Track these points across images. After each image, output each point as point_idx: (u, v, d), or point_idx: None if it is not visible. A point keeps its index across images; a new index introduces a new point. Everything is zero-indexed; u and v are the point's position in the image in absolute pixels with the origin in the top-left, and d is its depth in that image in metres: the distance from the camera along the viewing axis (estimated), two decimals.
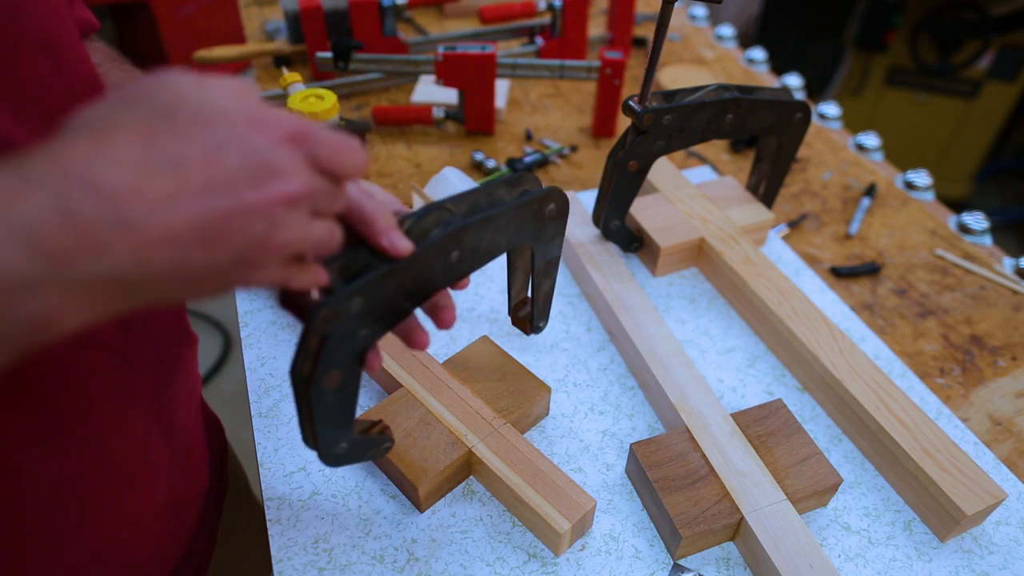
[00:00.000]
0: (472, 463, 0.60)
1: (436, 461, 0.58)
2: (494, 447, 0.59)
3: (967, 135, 2.45)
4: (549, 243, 0.57)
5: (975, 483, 0.58)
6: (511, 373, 0.65)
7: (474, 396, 0.63)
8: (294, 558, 0.55)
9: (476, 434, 0.60)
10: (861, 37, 2.37)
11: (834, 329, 0.70)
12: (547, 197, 0.52)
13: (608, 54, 1.00)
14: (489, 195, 0.49)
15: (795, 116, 0.78)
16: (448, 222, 0.46)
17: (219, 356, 1.92)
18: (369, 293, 0.42)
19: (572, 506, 0.55)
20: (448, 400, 0.62)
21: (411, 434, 0.59)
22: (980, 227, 0.92)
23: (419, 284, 0.46)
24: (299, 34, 1.18)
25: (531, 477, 0.57)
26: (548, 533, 0.55)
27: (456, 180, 0.86)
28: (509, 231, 0.51)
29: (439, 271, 0.47)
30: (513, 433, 0.60)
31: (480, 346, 0.68)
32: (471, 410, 0.62)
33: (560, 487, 0.56)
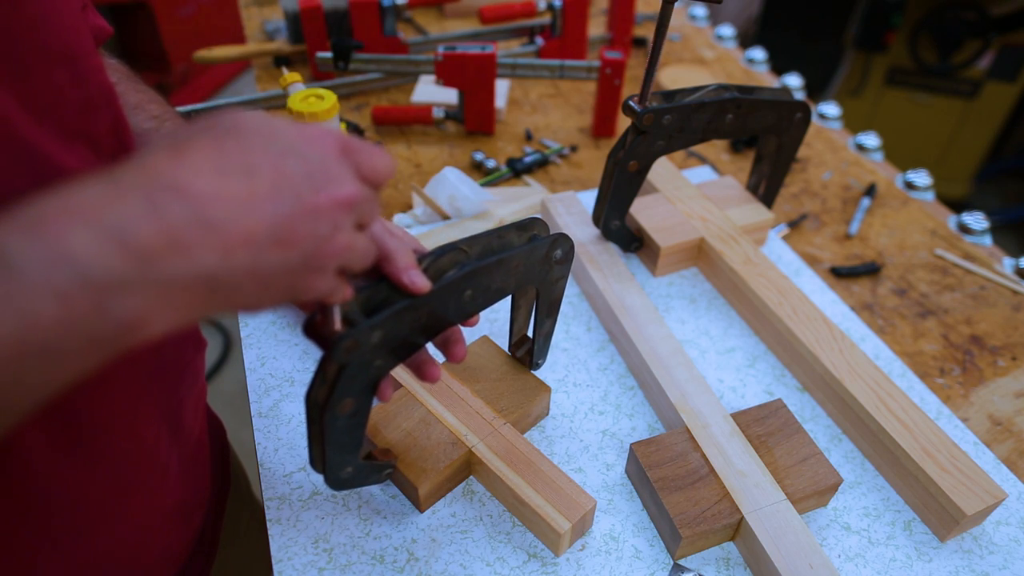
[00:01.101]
0: (472, 463, 0.60)
1: (436, 461, 0.58)
2: (494, 447, 0.59)
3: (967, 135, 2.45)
4: (554, 285, 0.60)
5: (975, 483, 0.58)
6: (511, 373, 0.65)
7: (474, 396, 0.63)
8: (294, 558, 0.55)
9: (476, 434, 0.60)
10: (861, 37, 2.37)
11: (834, 329, 0.70)
12: (555, 243, 0.56)
13: (608, 54, 1.00)
14: (500, 238, 0.53)
15: (795, 116, 0.78)
16: (463, 263, 0.50)
17: (219, 356, 1.93)
18: (388, 326, 0.45)
19: (572, 506, 0.55)
20: (448, 400, 0.62)
21: (411, 434, 0.59)
22: (980, 227, 0.92)
23: (433, 320, 0.49)
24: (299, 34, 1.18)
25: (531, 477, 0.57)
26: (548, 533, 0.55)
27: (456, 180, 0.86)
28: (518, 273, 0.54)
29: (452, 308, 0.50)
30: (513, 433, 0.60)
31: (480, 346, 0.68)
32: (471, 410, 0.62)
33: (560, 487, 0.56)
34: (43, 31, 0.33)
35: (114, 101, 0.40)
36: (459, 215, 0.88)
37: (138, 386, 0.45)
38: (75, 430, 0.41)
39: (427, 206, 0.87)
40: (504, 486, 0.57)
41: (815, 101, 1.20)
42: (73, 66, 0.36)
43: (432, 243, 0.85)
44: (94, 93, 0.38)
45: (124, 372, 0.43)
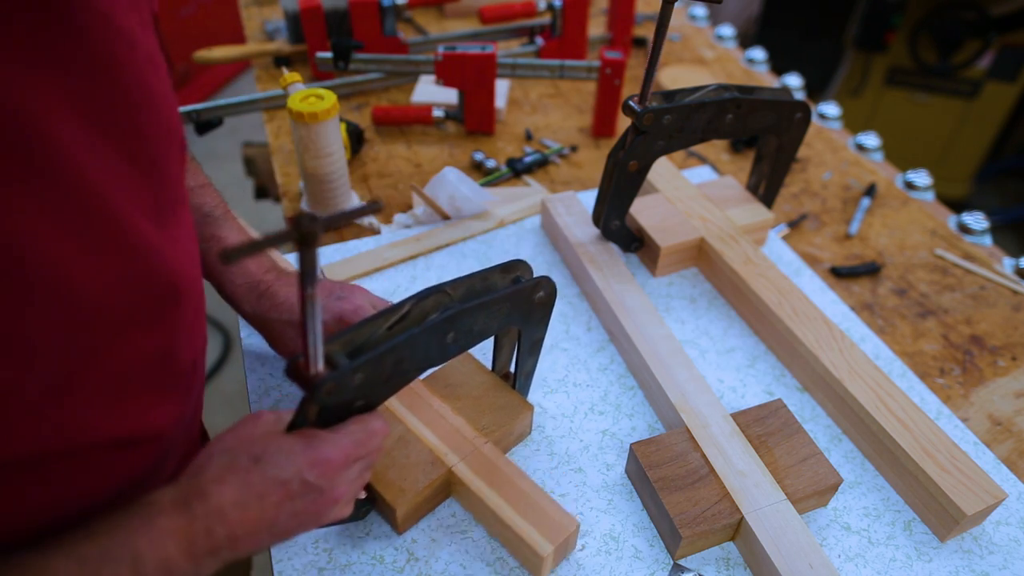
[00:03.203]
0: (452, 483, 0.58)
1: (415, 481, 0.56)
2: (475, 466, 0.57)
3: (967, 135, 2.45)
4: (536, 326, 0.60)
5: (975, 483, 0.58)
6: (492, 390, 0.64)
7: (455, 414, 0.61)
8: (294, 558, 0.56)
9: (456, 453, 0.58)
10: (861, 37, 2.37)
11: (834, 329, 0.70)
12: (537, 286, 0.56)
13: (608, 54, 1.00)
14: (484, 280, 0.54)
15: (795, 116, 0.78)
16: (446, 306, 0.51)
17: (219, 356, 1.92)
18: (369, 369, 0.46)
19: (555, 528, 0.53)
20: (428, 417, 0.61)
21: (389, 453, 0.58)
22: (980, 227, 0.92)
23: (415, 361, 0.50)
24: (299, 34, 1.18)
25: (513, 498, 0.55)
26: (530, 556, 0.54)
27: (456, 180, 0.86)
28: (500, 315, 0.55)
29: (435, 350, 0.51)
30: (495, 452, 0.59)
31: (462, 364, 0.66)
32: (452, 428, 0.60)
33: (543, 508, 0.55)
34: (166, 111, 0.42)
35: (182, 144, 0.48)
36: (459, 215, 0.88)
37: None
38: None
39: (427, 206, 0.87)
40: (485, 507, 0.56)
41: (815, 101, 1.20)
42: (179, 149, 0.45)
43: (432, 243, 0.85)
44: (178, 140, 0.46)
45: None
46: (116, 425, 0.41)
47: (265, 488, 0.42)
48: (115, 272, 0.38)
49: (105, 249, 0.37)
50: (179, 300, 0.44)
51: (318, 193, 0.85)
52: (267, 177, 1.48)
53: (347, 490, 0.46)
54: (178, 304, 0.45)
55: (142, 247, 0.39)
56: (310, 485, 0.43)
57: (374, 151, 1.03)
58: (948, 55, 2.32)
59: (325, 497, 0.44)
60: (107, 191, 0.36)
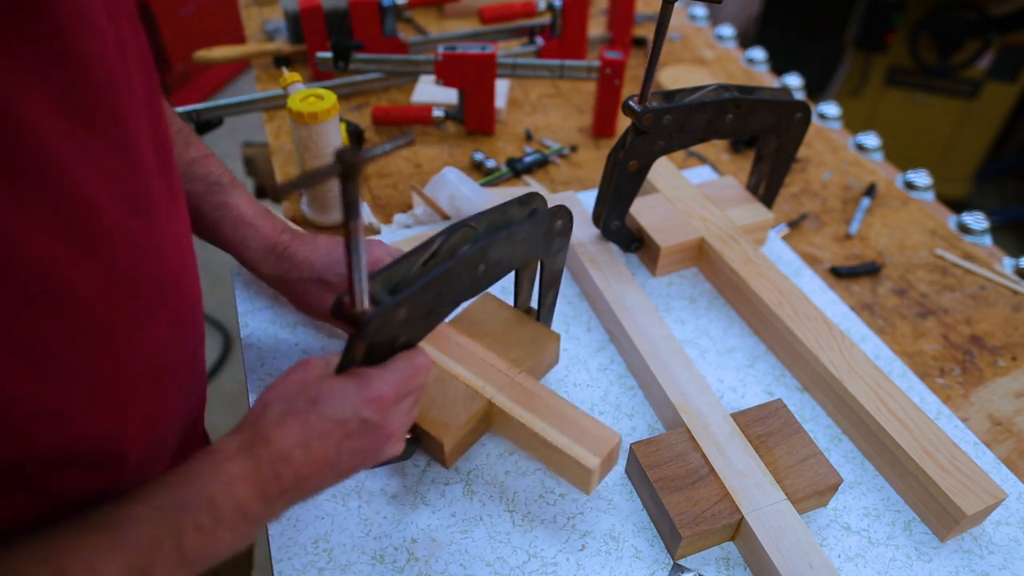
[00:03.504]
0: (492, 414, 0.60)
1: (457, 415, 0.58)
2: (513, 395, 0.59)
3: (967, 135, 2.45)
4: (555, 256, 0.62)
5: (975, 483, 0.58)
6: (517, 324, 0.66)
7: (485, 350, 0.63)
8: (294, 558, 0.56)
9: (493, 385, 0.60)
10: (861, 37, 2.37)
11: (834, 329, 0.70)
12: (556, 214, 0.58)
13: (608, 54, 1.00)
14: (504, 213, 0.55)
15: (795, 116, 0.78)
16: (475, 239, 0.53)
17: (219, 356, 1.92)
18: (412, 303, 0.48)
19: (599, 442, 0.55)
20: (460, 356, 0.63)
21: (427, 392, 0.59)
22: (980, 227, 0.92)
23: (452, 295, 0.52)
24: (299, 34, 1.18)
25: (554, 419, 0.57)
26: (577, 472, 0.55)
27: (456, 180, 0.86)
28: (524, 245, 0.57)
29: (467, 282, 0.53)
30: (529, 380, 0.61)
31: (483, 303, 0.68)
32: (484, 363, 0.62)
33: (584, 426, 0.57)
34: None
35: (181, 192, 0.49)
36: (459, 215, 0.88)
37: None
38: None
39: (427, 206, 0.87)
40: (527, 431, 0.57)
41: (815, 101, 1.20)
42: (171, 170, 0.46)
43: None
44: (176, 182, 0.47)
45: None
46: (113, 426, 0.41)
47: (325, 428, 0.43)
48: (105, 271, 0.37)
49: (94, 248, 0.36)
50: (172, 298, 0.44)
51: (318, 193, 0.85)
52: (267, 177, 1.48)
53: (400, 425, 0.48)
54: (171, 302, 0.44)
55: (132, 245, 0.39)
56: (367, 422, 0.45)
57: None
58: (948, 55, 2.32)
59: (381, 432, 0.46)
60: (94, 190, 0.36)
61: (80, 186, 0.35)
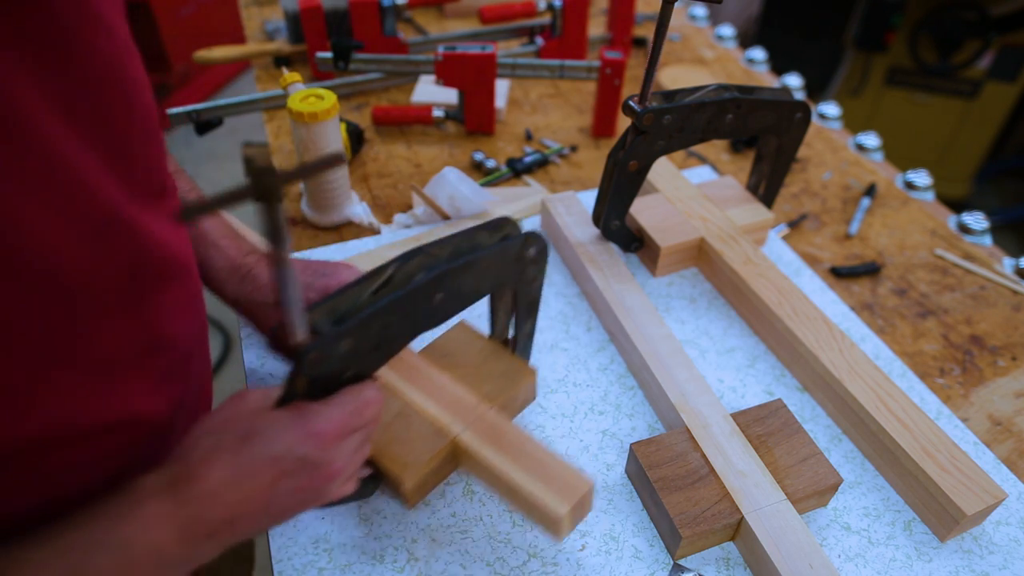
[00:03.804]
0: (458, 453, 0.56)
1: (420, 453, 0.54)
2: (480, 433, 0.55)
3: (967, 135, 2.45)
4: (530, 285, 0.58)
5: (975, 483, 0.58)
6: (492, 357, 0.61)
7: (455, 383, 0.58)
8: (294, 558, 0.56)
9: (460, 421, 0.55)
10: (861, 37, 2.37)
11: (834, 329, 0.70)
12: (527, 241, 0.54)
13: (608, 54, 1.00)
14: (470, 240, 0.52)
15: (795, 116, 0.78)
16: (432, 266, 0.49)
17: (219, 356, 1.93)
18: (356, 335, 0.44)
19: (568, 488, 0.51)
20: (428, 389, 0.58)
21: (390, 427, 0.55)
22: (980, 227, 0.92)
23: (404, 326, 0.49)
24: (299, 34, 1.18)
25: (522, 462, 0.52)
26: (545, 520, 0.51)
27: (456, 180, 0.86)
28: (491, 274, 0.53)
29: (423, 313, 0.49)
30: (499, 418, 0.56)
31: (457, 332, 0.64)
32: (453, 397, 0.57)
33: (555, 470, 0.52)
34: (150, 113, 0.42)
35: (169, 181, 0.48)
36: (459, 215, 0.88)
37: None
38: None
39: (427, 206, 0.87)
40: (494, 474, 0.53)
41: (815, 101, 1.20)
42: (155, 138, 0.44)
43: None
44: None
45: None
46: (104, 410, 0.41)
47: (256, 466, 0.40)
48: (95, 251, 0.37)
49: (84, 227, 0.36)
50: (166, 282, 0.43)
51: (318, 193, 0.85)
52: None
53: (345, 464, 0.45)
54: (165, 286, 0.44)
55: (124, 225, 0.39)
56: (305, 460, 0.42)
57: (374, 151, 1.03)
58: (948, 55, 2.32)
59: (322, 471, 0.43)
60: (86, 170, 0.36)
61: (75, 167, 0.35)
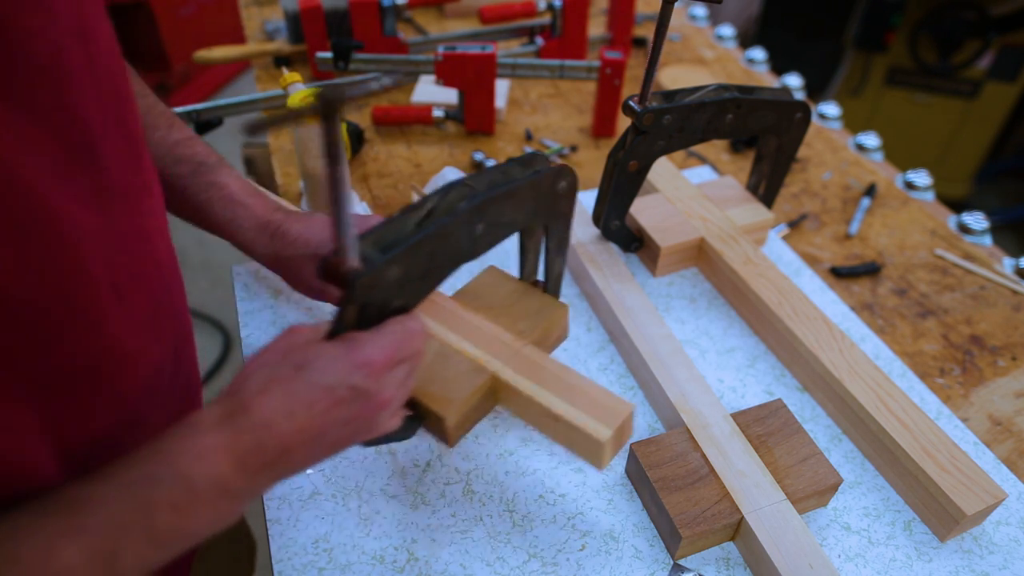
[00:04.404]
0: (497, 388, 0.57)
1: (460, 390, 0.54)
2: (519, 368, 0.56)
3: (967, 135, 2.45)
4: (562, 220, 0.59)
5: (975, 483, 0.58)
6: (524, 296, 0.63)
7: (489, 323, 0.60)
8: (294, 558, 0.56)
9: (498, 358, 0.56)
10: (861, 37, 2.37)
11: (834, 329, 0.70)
12: (559, 173, 0.55)
13: (608, 54, 1.00)
14: (504, 173, 0.52)
15: (795, 116, 0.78)
16: (472, 196, 0.49)
17: (219, 356, 1.92)
18: (405, 262, 0.45)
19: (610, 414, 0.52)
20: (464, 330, 0.59)
21: (429, 368, 0.56)
22: (980, 227, 0.92)
23: (448, 255, 0.49)
24: (299, 34, 1.18)
25: (563, 391, 0.54)
26: (589, 446, 0.52)
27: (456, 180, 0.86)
28: (526, 205, 0.54)
29: (465, 242, 0.50)
30: (536, 352, 0.57)
31: (487, 276, 0.65)
32: (489, 335, 0.58)
33: (595, 397, 0.53)
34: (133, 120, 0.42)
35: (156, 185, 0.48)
36: None
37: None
38: None
39: None
40: (535, 405, 0.54)
41: (815, 101, 1.20)
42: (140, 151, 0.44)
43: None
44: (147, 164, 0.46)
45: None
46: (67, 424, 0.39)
47: (312, 395, 0.41)
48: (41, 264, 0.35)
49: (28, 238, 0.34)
50: (125, 296, 0.42)
51: (318, 193, 0.85)
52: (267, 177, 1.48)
53: (394, 394, 0.45)
54: (135, 300, 0.42)
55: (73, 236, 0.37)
56: (357, 389, 0.42)
57: (374, 151, 1.03)
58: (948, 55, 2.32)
59: (373, 401, 0.43)
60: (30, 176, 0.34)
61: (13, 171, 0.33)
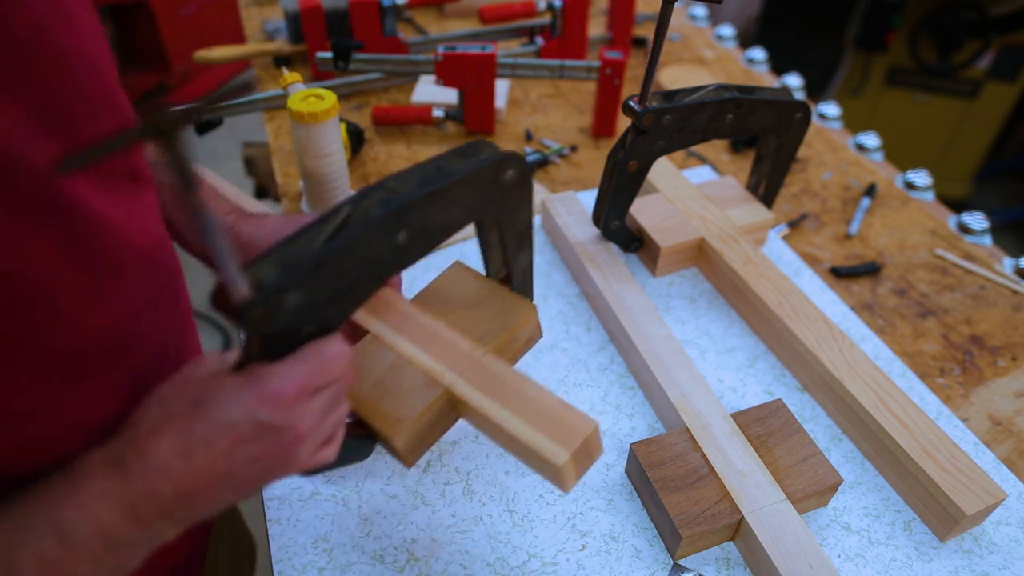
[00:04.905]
0: (456, 403, 0.51)
1: (412, 407, 0.49)
2: (475, 381, 0.50)
3: (967, 135, 2.45)
4: (515, 214, 0.52)
5: (975, 483, 0.58)
6: (488, 296, 0.56)
7: (449, 329, 0.53)
8: (294, 558, 0.56)
9: (454, 370, 0.50)
10: (861, 37, 2.37)
11: (834, 329, 0.70)
12: (502, 164, 0.48)
13: (608, 54, 1.00)
14: (439, 168, 0.46)
15: (795, 116, 0.78)
16: (387, 201, 0.43)
17: None
18: (306, 286, 0.40)
19: (570, 433, 0.45)
20: (420, 338, 0.52)
21: (381, 383, 0.51)
22: (980, 227, 0.92)
23: (365, 271, 0.44)
24: (299, 34, 1.18)
25: (520, 408, 0.47)
26: (547, 469, 0.46)
27: None
28: (464, 205, 0.47)
29: (387, 255, 0.44)
30: (495, 362, 0.51)
31: (453, 273, 0.59)
32: (447, 344, 0.52)
33: (556, 413, 0.47)
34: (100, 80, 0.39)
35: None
36: None
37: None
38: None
39: None
40: (490, 423, 0.48)
41: (815, 101, 1.20)
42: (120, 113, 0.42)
43: None
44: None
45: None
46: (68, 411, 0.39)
47: (210, 433, 0.37)
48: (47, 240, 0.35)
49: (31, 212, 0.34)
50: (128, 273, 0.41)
51: (318, 193, 0.85)
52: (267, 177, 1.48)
53: (313, 426, 0.41)
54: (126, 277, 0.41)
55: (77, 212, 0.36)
56: (264, 424, 0.38)
57: (374, 151, 1.03)
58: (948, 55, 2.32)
59: (285, 436, 0.39)
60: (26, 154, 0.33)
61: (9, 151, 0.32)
